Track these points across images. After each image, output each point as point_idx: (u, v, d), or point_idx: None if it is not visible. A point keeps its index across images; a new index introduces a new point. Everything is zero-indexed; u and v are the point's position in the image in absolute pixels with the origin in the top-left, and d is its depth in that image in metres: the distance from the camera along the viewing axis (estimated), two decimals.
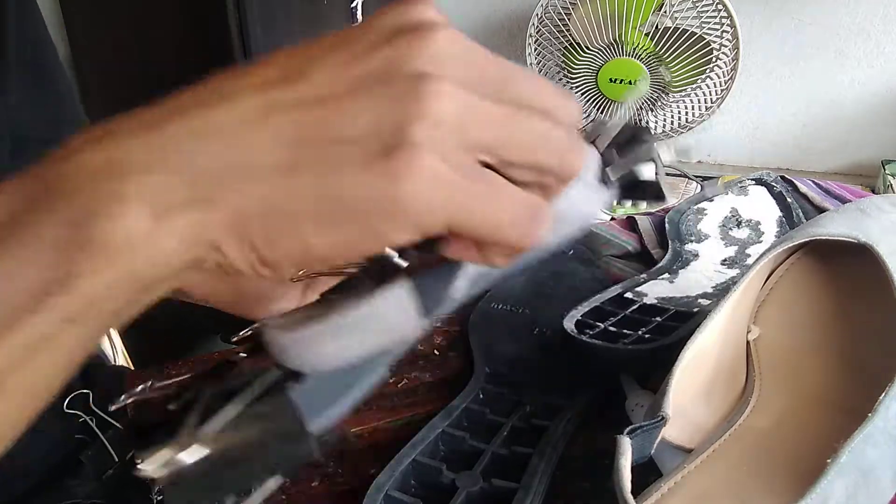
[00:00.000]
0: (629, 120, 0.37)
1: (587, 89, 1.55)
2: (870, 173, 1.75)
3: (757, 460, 0.37)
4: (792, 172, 1.46)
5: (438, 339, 0.55)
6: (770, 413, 0.40)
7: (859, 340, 0.41)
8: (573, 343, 0.46)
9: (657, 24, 1.46)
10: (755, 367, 0.42)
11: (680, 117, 1.55)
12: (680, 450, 0.37)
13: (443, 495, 0.38)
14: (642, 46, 1.46)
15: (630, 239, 0.65)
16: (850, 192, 0.69)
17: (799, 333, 0.43)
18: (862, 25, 1.66)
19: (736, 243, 0.61)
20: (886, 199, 0.44)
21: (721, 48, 1.44)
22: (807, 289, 0.44)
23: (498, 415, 0.43)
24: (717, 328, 0.40)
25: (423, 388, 0.50)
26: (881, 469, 0.32)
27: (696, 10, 1.43)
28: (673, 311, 0.51)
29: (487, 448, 0.40)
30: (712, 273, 0.58)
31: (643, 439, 0.34)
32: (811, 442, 0.37)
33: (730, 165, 1.89)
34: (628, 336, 0.48)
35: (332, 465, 0.44)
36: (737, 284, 0.41)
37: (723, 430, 0.39)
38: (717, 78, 1.48)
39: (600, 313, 0.51)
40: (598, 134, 0.35)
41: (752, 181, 0.68)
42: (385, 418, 0.47)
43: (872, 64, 1.69)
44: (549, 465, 0.39)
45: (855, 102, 1.74)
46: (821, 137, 1.80)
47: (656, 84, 1.50)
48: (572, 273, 0.59)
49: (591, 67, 1.52)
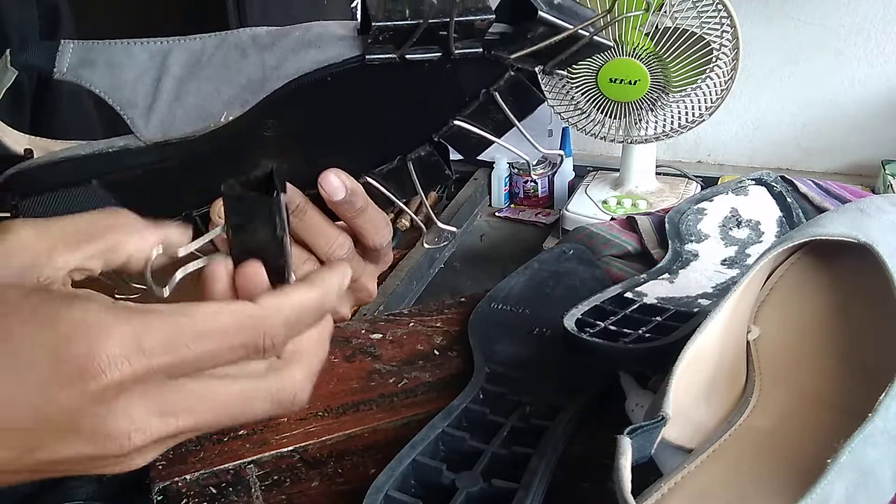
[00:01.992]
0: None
1: (587, 89, 1.55)
2: (870, 173, 1.75)
3: (757, 460, 0.37)
4: (792, 172, 1.46)
5: (438, 339, 0.55)
6: (770, 413, 0.40)
7: (859, 340, 0.41)
8: (573, 342, 0.46)
9: (657, 24, 1.46)
10: (755, 367, 0.42)
11: (680, 117, 1.55)
12: (680, 450, 0.37)
13: (443, 495, 0.38)
14: (642, 46, 1.46)
15: (630, 239, 0.65)
16: (850, 192, 0.69)
17: (799, 333, 0.43)
18: (862, 25, 1.66)
19: (736, 243, 0.61)
20: (886, 199, 0.44)
21: (721, 48, 1.44)
22: (807, 289, 0.44)
23: (498, 415, 0.43)
24: (717, 328, 0.40)
25: (423, 388, 0.50)
26: (881, 469, 0.32)
27: (696, 10, 1.43)
28: (673, 311, 0.51)
29: (487, 448, 0.40)
30: (712, 273, 0.58)
31: (643, 439, 0.34)
32: (811, 442, 0.37)
33: (730, 165, 1.89)
34: (628, 335, 0.48)
35: (332, 465, 0.44)
36: (737, 284, 0.41)
37: (723, 430, 0.39)
38: (717, 78, 1.48)
39: (600, 312, 0.51)
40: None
41: (752, 181, 0.68)
42: (385, 418, 0.47)
43: (872, 64, 1.69)
44: (549, 465, 0.39)
45: (855, 102, 1.74)
46: (821, 137, 1.80)
47: (656, 84, 1.50)
48: (572, 273, 0.59)
49: (591, 67, 1.52)
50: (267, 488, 0.43)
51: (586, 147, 1.94)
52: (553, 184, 1.94)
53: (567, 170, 1.90)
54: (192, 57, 0.43)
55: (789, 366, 0.42)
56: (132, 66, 0.43)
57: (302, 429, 0.47)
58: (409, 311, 0.58)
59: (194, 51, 0.43)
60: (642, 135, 1.60)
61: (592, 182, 1.79)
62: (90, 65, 0.42)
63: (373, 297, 0.52)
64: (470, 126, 0.45)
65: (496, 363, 0.48)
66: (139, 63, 0.43)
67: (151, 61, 0.43)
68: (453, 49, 0.41)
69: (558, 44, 0.41)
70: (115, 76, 0.42)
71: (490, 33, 0.42)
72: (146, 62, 0.43)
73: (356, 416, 0.48)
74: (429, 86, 0.43)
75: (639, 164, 1.69)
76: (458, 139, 0.46)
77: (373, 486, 0.37)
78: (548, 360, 0.49)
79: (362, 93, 0.43)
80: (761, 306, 0.44)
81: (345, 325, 0.56)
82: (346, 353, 0.54)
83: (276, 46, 0.43)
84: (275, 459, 0.45)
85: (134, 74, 0.42)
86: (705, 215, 0.65)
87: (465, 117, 0.45)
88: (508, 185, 2.00)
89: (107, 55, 0.43)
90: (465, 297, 0.59)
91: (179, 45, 0.43)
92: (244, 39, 0.44)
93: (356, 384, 0.50)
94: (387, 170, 0.47)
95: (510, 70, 0.43)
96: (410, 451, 0.39)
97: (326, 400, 0.49)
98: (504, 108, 0.44)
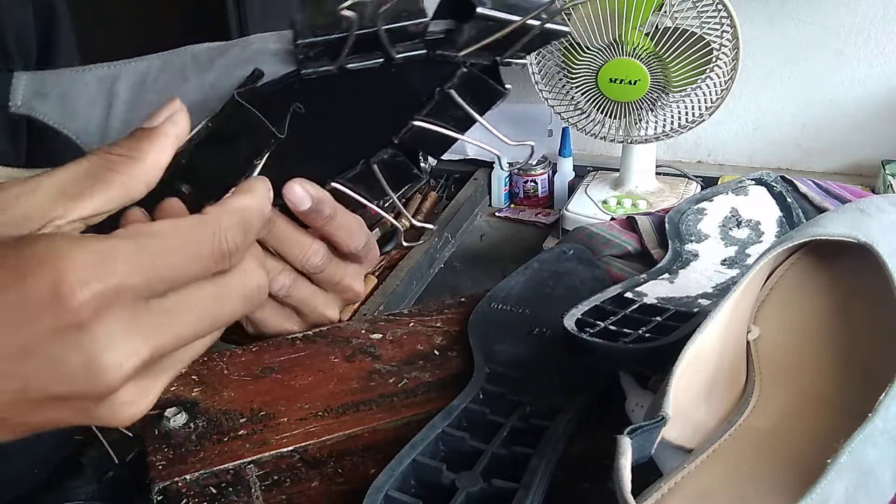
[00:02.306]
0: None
1: (587, 89, 1.55)
2: (870, 173, 1.75)
3: (757, 460, 0.37)
4: (792, 172, 1.46)
5: (438, 339, 0.55)
6: (770, 413, 0.40)
7: (859, 340, 0.41)
8: (573, 342, 0.46)
9: (657, 24, 1.46)
10: (755, 367, 0.42)
11: (680, 117, 1.55)
12: (680, 450, 0.37)
13: (443, 495, 0.38)
14: (642, 46, 1.46)
15: (630, 239, 0.65)
16: (850, 192, 0.69)
17: (799, 333, 0.43)
18: (862, 25, 1.66)
19: (736, 243, 0.61)
20: (886, 199, 0.44)
21: (721, 48, 1.44)
22: (807, 289, 0.44)
23: (498, 415, 0.43)
24: (717, 328, 0.40)
25: (423, 388, 0.50)
26: (881, 469, 0.32)
27: (696, 10, 1.43)
28: (673, 311, 0.51)
29: (487, 448, 0.40)
30: (712, 273, 0.58)
31: (643, 439, 0.34)
32: (811, 442, 0.37)
33: (730, 165, 1.89)
34: (628, 335, 0.48)
35: (332, 465, 0.44)
36: (737, 284, 0.41)
37: (723, 430, 0.39)
38: (717, 78, 1.48)
39: (600, 312, 0.51)
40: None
41: (752, 181, 0.68)
42: (385, 418, 0.47)
43: (872, 64, 1.69)
44: (549, 465, 0.39)
45: (855, 102, 1.74)
46: (821, 137, 1.80)
47: (656, 84, 1.50)
48: (572, 273, 0.59)
49: (591, 67, 1.52)
50: (267, 488, 0.43)
51: (586, 147, 1.94)
52: (553, 184, 1.94)
53: (567, 170, 1.90)
54: (139, 80, 0.43)
55: (789, 366, 0.42)
56: (83, 95, 0.43)
57: (302, 429, 0.47)
58: (409, 311, 0.58)
59: (140, 73, 0.43)
60: (642, 135, 1.60)
61: (592, 182, 1.79)
62: (43, 97, 0.42)
63: (360, 297, 0.53)
64: (431, 126, 0.45)
65: (496, 363, 0.48)
66: (89, 91, 0.43)
67: (100, 88, 0.43)
68: (394, 54, 0.40)
69: (507, 36, 0.41)
70: (68, 106, 0.42)
71: (433, 32, 0.41)
72: (95, 89, 0.43)
73: (356, 416, 0.48)
74: (380, 90, 0.42)
75: (639, 164, 1.69)
76: (420, 139, 0.46)
77: (373, 486, 0.37)
78: (548, 360, 0.49)
79: (312, 104, 0.42)
80: (761, 306, 0.44)
81: (345, 325, 0.56)
82: (346, 353, 0.54)
83: (215, 65, 0.43)
84: (275, 459, 0.45)
85: (85, 102, 0.43)
86: (705, 215, 0.65)
87: (423, 117, 0.44)
88: (508, 185, 2.00)
89: (58, 85, 0.43)
90: (465, 297, 0.59)
91: (127, 69, 0.43)
92: (186, 61, 0.43)
93: (356, 384, 0.50)
94: (353, 174, 0.47)
95: (462, 67, 0.42)
96: (410, 451, 0.39)
97: (326, 400, 0.49)
98: (462, 104, 0.44)
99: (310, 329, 0.55)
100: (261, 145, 0.42)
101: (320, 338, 0.55)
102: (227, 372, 0.52)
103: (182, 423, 0.47)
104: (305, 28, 0.39)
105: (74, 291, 0.27)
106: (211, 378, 0.51)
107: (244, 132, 0.41)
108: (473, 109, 0.44)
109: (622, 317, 0.50)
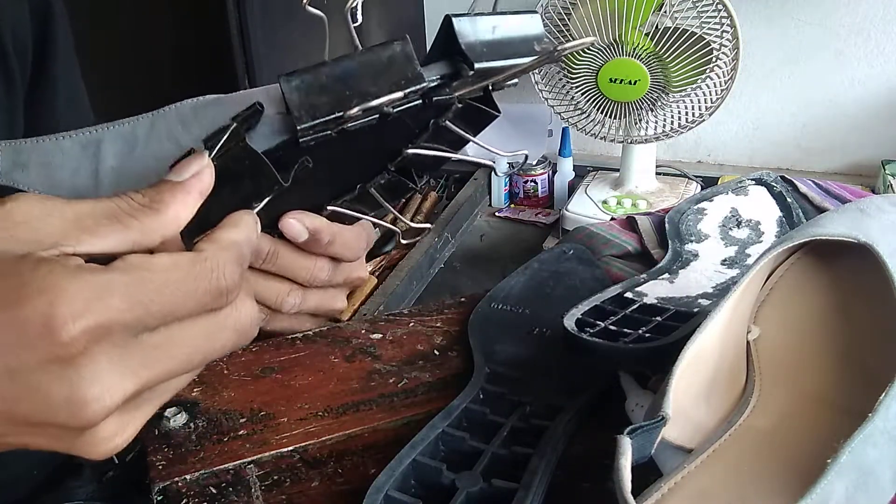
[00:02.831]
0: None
1: (587, 89, 1.55)
2: (870, 173, 1.75)
3: (757, 460, 0.37)
4: (792, 172, 1.46)
5: (438, 339, 0.55)
6: (770, 413, 0.40)
7: (859, 340, 0.41)
8: (573, 342, 0.46)
9: (657, 24, 1.46)
10: (755, 367, 0.42)
11: (680, 117, 1.55)
12: (680, 450, 0.37)
13: (443, 495, 0.38)
14: (642, 46, 1.46)
15: (630, 239, 0.65)
16: (850, 192, 0.69)
17: (799, 333, 0.43)
18: (862, 25, 1.66)
19: (736, 243, 0.61)
20: (886, 199, 0.44)
21: (721, 48, 1.44)
22: (807, 289, 0.44)
23: (498, 415, 0.43)
24: (717, 328, 0.40)
25: (423, 388, 0.50)
26: (881, 469, 0.32)
27: (696, 10, 1.43)
28: (673, 311, 0.51)
29: (487, 448, 0.40)
30: (712, 273, 0.58)
31: (643, 439, 0.34)
32: (811, 442, 0.37)
33: (730, 165, 1.89)
34: (628, 335, 0.48)
35: (332, 465, 0.44)
36: (737, 284, 0.41)
37: (723, 430, 0.39)
38: (717, 78, 1.48)
39: (600, 312, 0.51)
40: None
41: (752, 181, 0.68)
42: (385, 418, 0.47)
43: (872, 64, 1.69)
44: (549, 465, 0.39)
45: (855, 102, 1.74)
46: (821, 137, 1.80)
47: (656, 84, 1.50)
48: (572, 273, 0.59)
49: (591, 67, 1.52)
50: (267, 488, 0.43)
51: (586, 147, 1.94)
52: (553, 184, 1.94)
53: (567, 170, 1.90)
54: (126, 145, 0.41)
55: (789, 366, 0.42)
56: (66, 162, 0.41)
57: (302, 429, 0.47)
58: (409, 311, 0.58)
59: (126, 138, 0.41)
60: (642, 135, 1.60)
61: (592, 182, 1.79)
62: (22, 167, 0.41)
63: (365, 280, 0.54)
64: (425, 151, 0.45)
65: (496, 363, 0.48)
66: (72, 157, 0.41)
67: (84, 153, 0.41)
68: (392, 112, 0.39)
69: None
70: (51, 175, 0.41)
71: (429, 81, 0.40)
72: (79, 155, 0.41)
73: (356, 416, 0.48)
74: (375, 136, 0.42)
75: (639, 164, 1.69)
76: (415, 162, 0.46)
77: (373, 486, 0.37)
78: (548, 360, 0.49)
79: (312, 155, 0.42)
80: (761, 306, 0.44)
81: (345, 325, 0.56)
82: (346, 353, 0.54)
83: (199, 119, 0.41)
84: (275, 459, 0.45)
85: (70, 169, 0.41)
86: (705, 215, 0.65)
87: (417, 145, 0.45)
88: (508, 185, 2.00)
89: (37, 154, 0.41)
90: (465, 297, 0.59)
91: (110, 133, 0.41)
92: (172, 125, 0.42)
93: (356, 384, 0.50)
94: (350, 197, 0.48)
95: (456, 103, 0.42)
96: (410, 451, 0.39)
97: (326, 400, 0.49)
98: (457, 130, 0.44)
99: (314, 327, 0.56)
100: (263, 190, 0.41)
101: (320, 338, 0.55)
102: (227, 372, 0.52)
103: (182, 422, 0.47)
104: (304, 113, 0.38)
105: (67, 325, 0.27)
106: (211, 378, 0.51)
107: (249, 175, 0.40)
108: (467, 133, 0.44)
109: (622, 317, 0.50)
